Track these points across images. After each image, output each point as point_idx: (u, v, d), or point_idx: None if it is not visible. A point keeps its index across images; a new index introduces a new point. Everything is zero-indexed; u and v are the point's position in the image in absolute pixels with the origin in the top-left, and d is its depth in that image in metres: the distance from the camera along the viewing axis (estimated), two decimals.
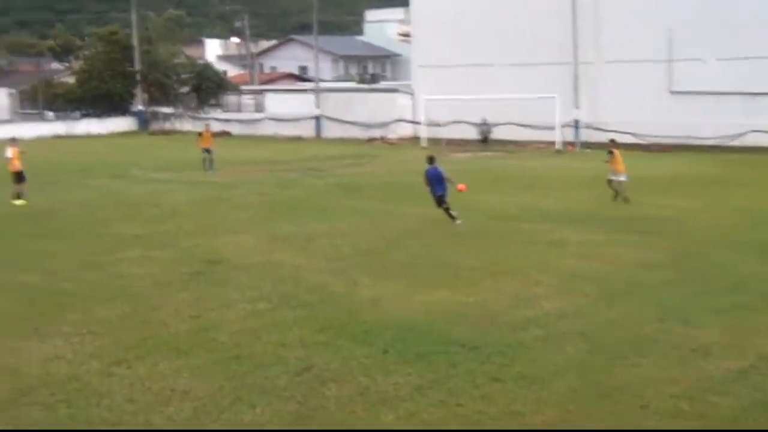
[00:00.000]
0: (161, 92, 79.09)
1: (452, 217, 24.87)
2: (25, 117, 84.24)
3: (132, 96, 78.98)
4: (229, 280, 18.49)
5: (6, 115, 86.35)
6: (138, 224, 26.18)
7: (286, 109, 68.97)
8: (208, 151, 42.66)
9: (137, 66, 77.04)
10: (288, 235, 23.87)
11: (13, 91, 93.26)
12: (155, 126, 75.80)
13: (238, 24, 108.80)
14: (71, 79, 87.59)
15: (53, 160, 48.08)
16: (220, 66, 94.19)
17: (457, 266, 19.50)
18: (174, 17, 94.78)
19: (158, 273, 19.36)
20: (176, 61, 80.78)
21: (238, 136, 68.30)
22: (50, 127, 74.20)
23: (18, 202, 31.19)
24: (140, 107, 77.52)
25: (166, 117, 76.94)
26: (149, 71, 77.78)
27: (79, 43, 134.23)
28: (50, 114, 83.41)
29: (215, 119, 71.77)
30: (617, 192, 29.20)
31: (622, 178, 29.29)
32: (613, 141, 32.57)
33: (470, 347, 13.59)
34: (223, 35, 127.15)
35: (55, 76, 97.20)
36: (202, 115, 73.27)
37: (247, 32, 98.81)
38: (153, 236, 24.05)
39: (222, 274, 19.18)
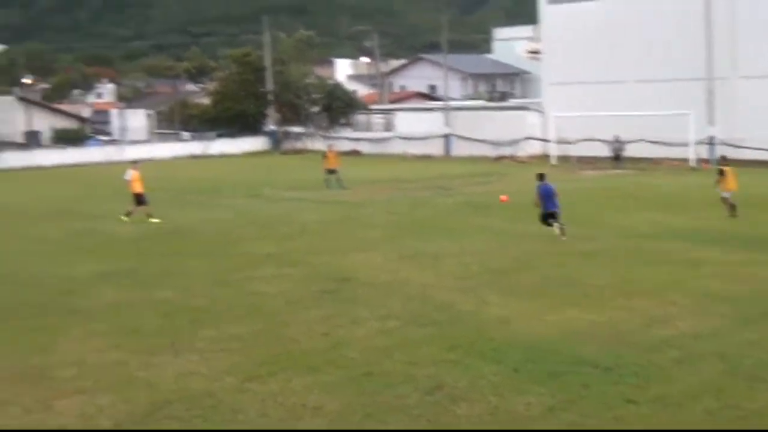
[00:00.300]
0: (293, 112, 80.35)
1: (562, 233, 25.14)
2: (162, 137, 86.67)
3: (264, 116, 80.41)
4: (359, 298, 18.61)
5: (144, 136, 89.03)
6: (270, 243, 26.60)
7: (415, 128, 69.24)
8: (332, 171, 43.18)
9: (269, 86, 78.43)
10: (416, 253, 23.91)
11: (151, 112, 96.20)
12: (287, 145, 76.98)
13: (367, 44, 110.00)
14: (206, 100, 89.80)
15: (189, 180, 49.33)
16: (350, 86, 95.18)
17: (587, 285, 19.22)
18: (305, 38, 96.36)
19: (290, 290, 19.62)
20: (307, 81, 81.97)
21: (368, 155, 68.86)
22: (186, 147, 76.21)
23: (153, 220, 32.03)
24: (272, 127, 78.86)
25: (298, 136, 78.08)
26: (281, 92, 79.11)
27: (213, 65, 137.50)
28: (186, 134, 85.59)
29: (345, 138, 72.62)
30: (732, 209, 29.02)
31: (726, 195, 29.48)
32: (723, 158, 32.28)
33: (603, 368, 13.36)
34: (353, 55, 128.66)
35: (191, 98, 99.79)
36: (333, 135, 74.12)
37: (377, 52, 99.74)
38: (284, 254, 24.40)
39: (351, 291, 19.32)
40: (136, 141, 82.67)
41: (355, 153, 69.77)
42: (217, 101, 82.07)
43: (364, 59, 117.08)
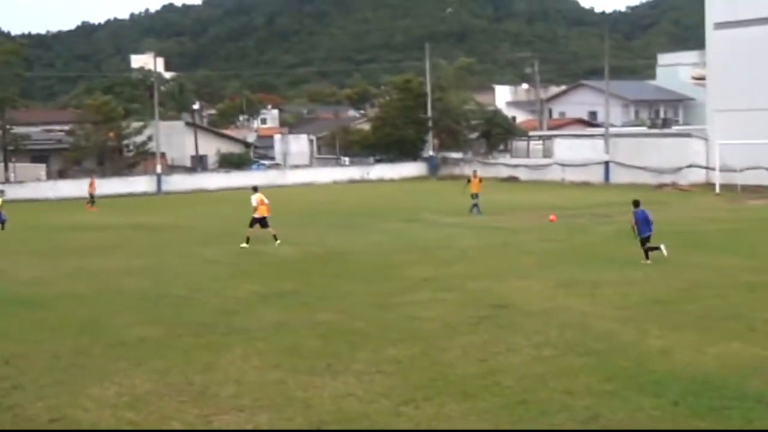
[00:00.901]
0: (451, 138, 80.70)
1: (647, 254, 26.43)
2: (323, 162, 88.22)
3: (423, 142, 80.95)
4: (515, 325, 18.47)
5: (306, 160, 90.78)
6: (428, 267, 26.71)
7: (574, 155, 68.44)
8: (475, 196, 43.48)
9: (429, 113, 78.92)
10: (574, 281, 23.61)
11: (313, 137, 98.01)
12: (444, 171, 77.24)
13: (527, 70, 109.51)
14: (366, 126, 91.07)
15: (348, 204, 50.03)
16: (510, 112, 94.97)
17: (753, 318, 18.57)
18: (465, 65, 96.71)
19: (446, 315, 19.63)
20: (466, 107, 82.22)
21: (526, 182, 68.45)
22: (346, 171, 77.42)
23: (244, 245, 32.34)
24: (431, 153, 79.33)
25: (456, 162, 78.28)
26: (440, 118, 79.58)
27: (374, 91, 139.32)
28: (346, 159, 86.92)
29: (503, 165, 72.38)
30: None
31: None
32: None
33: (766, 403, 12.88)
34: (513, 81, 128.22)
35: (352, 123, 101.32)
36: (491, 161, 74.02)
37: (537, 78, 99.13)
38: (442, 279, 24.46)
39: (508, 318, 19.20)
40: (298, 165, 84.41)
41: (512, 179, 69.46)
42: (378, 127, 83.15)
43: (524, 86, 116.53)
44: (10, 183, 67.44)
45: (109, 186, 67.00)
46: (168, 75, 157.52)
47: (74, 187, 64.00)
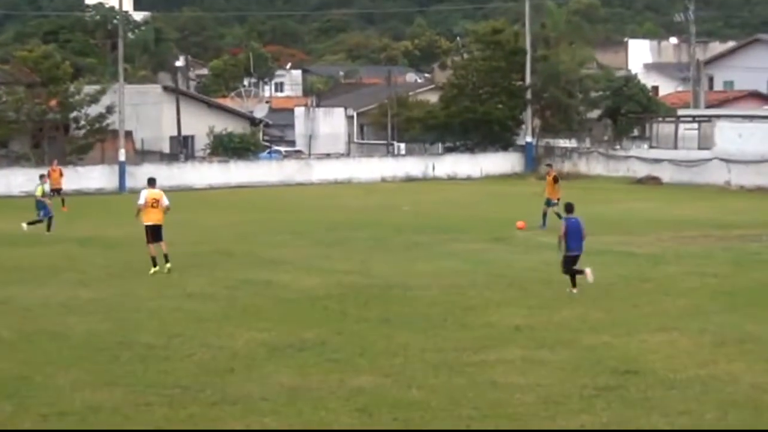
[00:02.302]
0: (560, 118, 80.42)
1: (573, 280, 28.94)
2: (367, 150, 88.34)
3: (518, 123, 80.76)
4: (652, 401, 18.36)
5: (341, 147, 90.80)
6: (520, 310, 26.61)
7: (746, 146, 67.90)
8: (550, 203, 44.23)
9: (528, 79, 78.67)
10: (742, 337, 23.40)
11: (353, 112, 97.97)
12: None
13: (677, 18, 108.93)
14: (433, 97, 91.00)
15: (404, 214, 49.95)
16: (649, 80, 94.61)
17: None
18: (583, 8, 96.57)
19: (548, 384, 19.52)
20: (584, 72, 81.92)
21: (672, 185, 68.10)
22: (401, 164, 77.39)
23: (167, 266, 32.56)
24: (529, 139, 79.06)
25: (565, 153, 78.08)
26: (545, 87, 79.36)
27: (445, 44, 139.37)
28: (401, 146, 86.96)
29: (637, 158, 72.08)
30: None
31: None
32: None
33: None
34: (655, 34, 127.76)
35: (411, 93, 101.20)
36: (619, 152, 73.78)
37: (692, 30, 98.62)
38: (541, 329, 24.36)
39: (641, 390, 19.07)
40: (329, 154, 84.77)
41: (652, 180, 69.20)
42: (450, 99, 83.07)
43: (672, 41, 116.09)
44: None
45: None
46: (139, 16, 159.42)
47: None
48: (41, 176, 48.74)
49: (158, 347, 22.89)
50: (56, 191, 55.89)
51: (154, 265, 33.19)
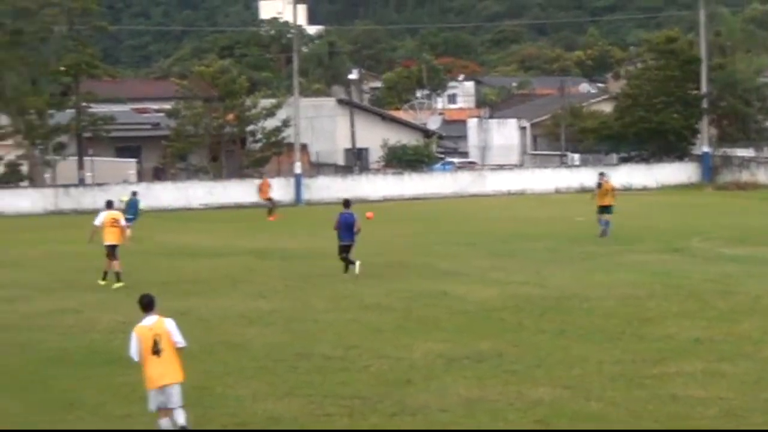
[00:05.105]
0: (738, 127, 79.30)
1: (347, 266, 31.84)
2: (541, 161, 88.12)
3: (694, 132, 79.78)
4: None
5: (514, 158, 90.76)
6: (700, 322, 26.25)
7: None
8: (605, 209, 44.80)
9: (704, 88, 77.68)
10: None
11: (526, 123, 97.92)
12: (727, 176, 75.87)
13: None
14: (606, 107, 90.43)
15: (579, 225, 49.64)
16: None
17: None
18: (759, 15, 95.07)
19: (729, 398, 19.25)
20: (761, 80, 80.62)
21: None
22: (574, 175, 76.86)
23: (117, 285, 32.62)
24: (706, 149, 77.97)
25: (743, 163, 76.86)
26: (721, 95, 78.29)
27: (619, 54, 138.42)
28: (575, 157, 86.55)
29: None
30: None
31: None
32: None
33: None
34: None
35: (584, 103, 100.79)
36: None
37: None
38: (721, 341, 24.02)
39: None
40: (503, 166, 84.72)
41: None
42: (624, 109, 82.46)
43: None
44: (86, 186, 69.86)
45: (224, 192, 68.65)
46: (312, 30, 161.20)
47: (176, 194, 66.02)
48: None
49: (336, 358, 23.08)
50: (270, 200, 59.57)
51: (104, 279, 34.47)
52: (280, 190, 70.87)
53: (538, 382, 20.57)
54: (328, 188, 72.15)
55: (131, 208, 49.94)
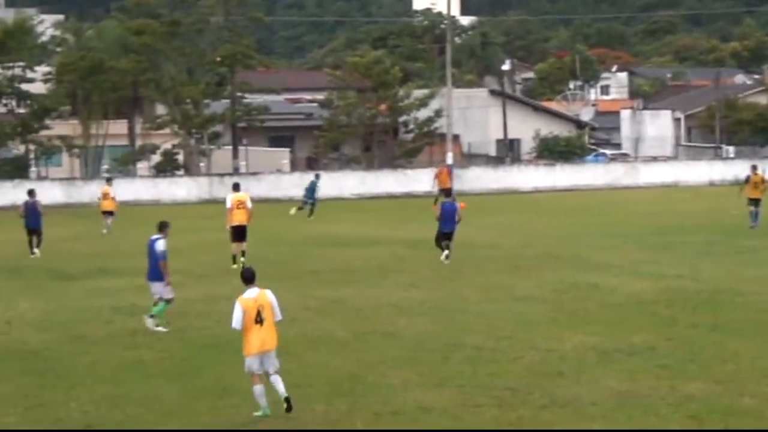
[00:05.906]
0: None
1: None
2: (695, 153, 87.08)
3: None
4: None
5: (668, 150, 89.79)
6: None
7: None
8: (755, 201, 44.38)
9: None
10: None
11: (680, 115, 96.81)
12: None
13: None
14: (763, 99, 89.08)
15: (734, 217, 48.97)
16: None
17: None
18: None
19: None
20: None
21: None
22: (729, 167, 75.71)
23: (236, 265, 32.45)
24: None
25: None
26: None
27: None
28: (730, 149, 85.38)
29: None
30: None
31: None
32: None
33: None
34: None
35: (740, 95, 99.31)
36: None
37: None
38: None
39: None
40: (656, 158, 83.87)
41: None
42: None
43: None
44: (240, 175, 70.67)
45: (376, 182, 68.98)
46: (465, 21, 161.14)
47: (329, 184, 66.32)
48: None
49: (486, 349, 23.11)
50: (444, 191, 56.97)
51: (234, 262, 35.28)
52: (430, 181, 71.05)
53: (691, 377, 20.38)
54: (480, 179, 72.17)
55: (308, 191, 54.05)
